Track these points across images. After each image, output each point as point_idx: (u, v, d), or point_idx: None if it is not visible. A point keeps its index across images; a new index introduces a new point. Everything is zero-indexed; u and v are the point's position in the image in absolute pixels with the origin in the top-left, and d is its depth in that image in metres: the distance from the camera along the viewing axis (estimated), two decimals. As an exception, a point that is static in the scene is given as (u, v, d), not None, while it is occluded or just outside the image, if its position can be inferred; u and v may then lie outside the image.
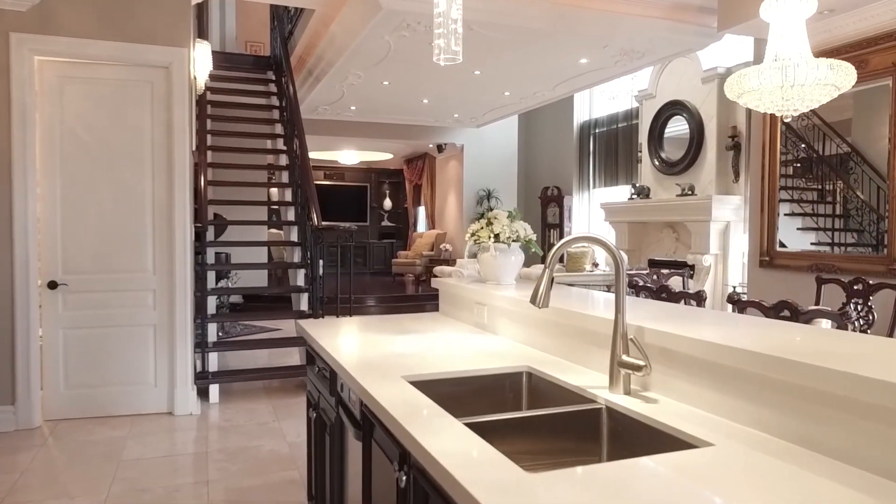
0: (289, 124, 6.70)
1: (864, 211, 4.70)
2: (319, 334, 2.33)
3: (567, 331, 1.88)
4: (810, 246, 4.97)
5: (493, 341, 2.21)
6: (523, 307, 2.12)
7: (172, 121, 4.35)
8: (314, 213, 5.33)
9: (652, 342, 1.52)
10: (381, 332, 2.41)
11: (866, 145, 4.68)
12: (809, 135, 5.04)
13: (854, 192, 4.77)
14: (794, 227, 5.14)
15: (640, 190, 8.77)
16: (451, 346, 2.14)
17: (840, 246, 4.80)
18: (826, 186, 4.97)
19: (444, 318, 2.77)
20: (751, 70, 3.15)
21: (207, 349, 4.86)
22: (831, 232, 4.86)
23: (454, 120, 10.42)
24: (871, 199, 4.63)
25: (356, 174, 15.29)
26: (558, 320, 1.92)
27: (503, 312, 2.29)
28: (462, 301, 2.67)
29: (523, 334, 2.14)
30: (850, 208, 4.78)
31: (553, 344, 1.96)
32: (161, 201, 4.38)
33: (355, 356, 1.95)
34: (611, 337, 1.57)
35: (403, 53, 6.21)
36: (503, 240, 2.60)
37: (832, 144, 4.95)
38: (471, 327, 2.52)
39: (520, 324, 2.17)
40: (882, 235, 4.50)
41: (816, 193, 5.04)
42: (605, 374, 1.70)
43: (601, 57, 6.29)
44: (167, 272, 4.38)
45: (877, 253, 4.52)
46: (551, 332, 1.96)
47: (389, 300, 9.76)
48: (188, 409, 4.41)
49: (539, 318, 2.03)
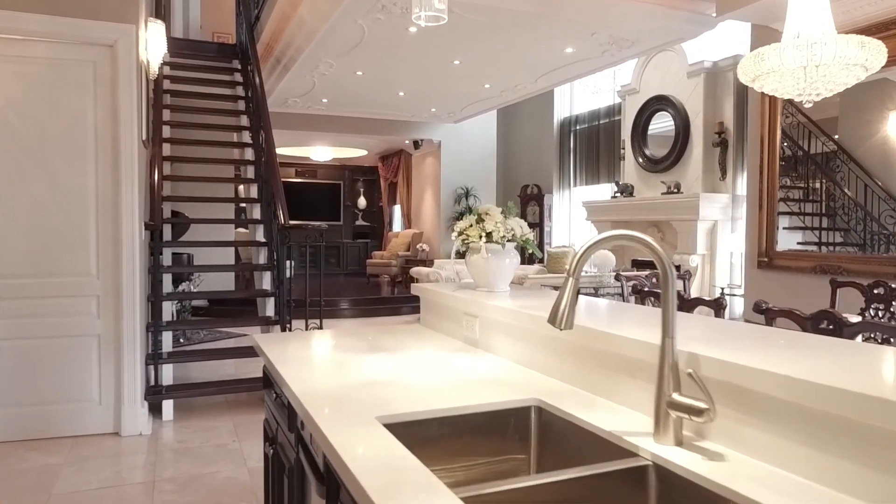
0: (255, 115, 6.23)
1: (853, 209, 4.50)
2: (277, 355, 1.91)
3: (587, 354, 1.50)
4: (797, 245, 4.74)
5: (487, 363, 1.82)
6: (526, 321, 1.73)
7: (118, 106, 3.88)
8: (281, 211, 4.88)
9: (709, 374, 1.14)
10: (352, 349, 2.00)
11: (853, 143, 4.49)
12: (794, 132, 4.82)
13: (851, 191, 4.54)
14: (780, 226, 4.90)
15: (623, 188, 8.48)
16: (436, 369, 1.74)
17: (839, 246, 4.56)
18: (818, 185, 4.74)
19: (425, 331, 2.37)
20: (768, 49, 2.81)
21: (161, 361, 4.39)
22: (828, 232, 4.62)
23: (431, 114, 10.02)
24: (859, 197, 4.45)
25: (329, 171, 14.80)
26: (575, 340, 1.53)
27: (500, 327, 1.90)
28: (448, 311, 2.27)
29: (526, 355, 1.75)
30: (837, 207, 4.58)
31: (567, 369, 1.57)
32: (106, 196, 3.90)
33: (318, 386, 1.54)
34: (650, 365, 1.19)
35: (378, 39, 5.79)
36: (496, 239, 2.21)
37: (818, 142, 4.75)
38: (459, 343, 2.12)
39: (522, 341, 1.77)
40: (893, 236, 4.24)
41: (801, 192, 4.81)
42: (642, 414, 1.31)
43: (588, 46, 5.94)
44: (113, 276, 3.91)
45: (888, 253, 4.24)
46: (565, 353, 1.58)
47: (364, 303, 9.32)
48: (137, 429, 3.94)
49: (547, 336, 1.65)
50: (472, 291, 2.25)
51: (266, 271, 5.35)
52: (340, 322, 8.43)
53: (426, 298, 2.46)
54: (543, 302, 1.95)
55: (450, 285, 2.49)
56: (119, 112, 3.88)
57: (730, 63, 7.19)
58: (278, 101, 8.71)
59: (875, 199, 4.39)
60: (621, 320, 1.61)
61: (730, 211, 7.38)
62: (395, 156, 13.15)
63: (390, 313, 9.14)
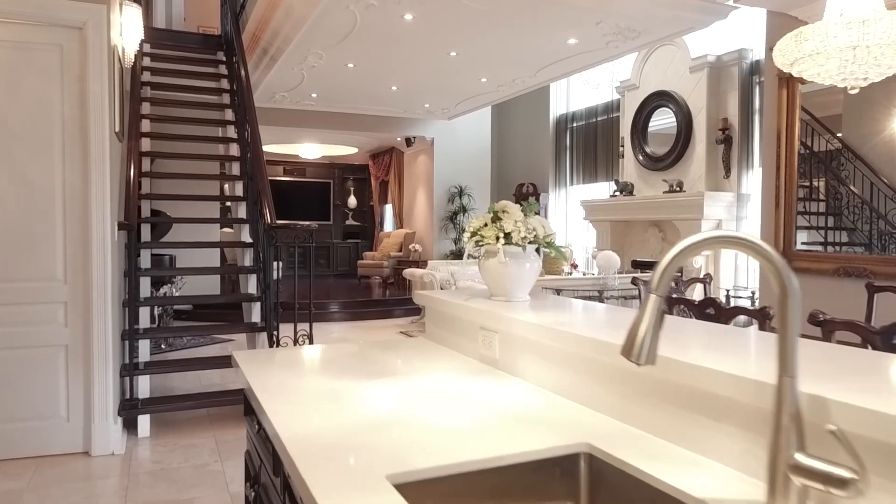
0: (240, 109, 5.89)
1: (861, 208, 4.32)
2: (259, 381, 1.59)
3: (649, 385, 1.19)
4: (801, 245, 4.55)
5: (515, 391, 1.51)
6: (566, 342, 1.42)
7: (88, 94, 3.53)
8: (267, 209, 4.55)
9: (847, 428, 0.84)
10: (350, 372, 1.69)
11: (858, 141, 4.35)
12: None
13: (858, 190, 4.33)
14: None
15: (623, 186, 8.21)
16: (454, 401, 1.43)
17: (846, 245, 4.38)
18: (819, 183, 4.54)
19: (433, 348, 2.06)
20: (809, 29, 2.53)
21: (137, 372, 4.05)
22: (837, 232, 4.43)
23: (425, 111, 9.70)
24: (866, 196, 4.30)
25: (318, 170, 14.44)
26: (628, 366, 1.23)
27: (527, 345, 1.59)
28: (459, 324, 1.96)
29: (564, 381, 1.45)
30: (841, 206, 4.38)
31: (622, 404, 1.26)
32: (74, 193, 3.55)
33: (310, 429, 1.23)
34: (742, 405, 0.90)
35: (371, 28, 5.47)
36: (516, 241, 1.90)
37: (821, 140, 4.58)
38: (474, 363, 1.81)
39: (558, 365, 1.47)
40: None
41: (805, 191, 4.61)
42: (732, 469, 1.01)
43: (592, 36, 5.65)
44: (82, 280, 3.56)
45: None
46: (618, 384, 1.27)
47: (355, 305, 8.99)
48: (109, 448, 3.59)
49: (593, 360, 1.34)
50: (486, 301, 1.95)
51: (251, 274, 5.01)
52: (331, 325, 8.10)
53: (433, 308, 2.14)
54: (580, 316, 1.64)
55: (460, 293, 2.18)
56: (89, 100, 3.53)
57: (734, 57, 6.95)
58: (265, 96, 8.36)
59: (882, 198, 4.26)
60: (681, 340, 1.30)
61: (734, 210, 7.13)
62: (386, 154, 12.82)
63: (382, 316, 8.82)
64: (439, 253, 10.73)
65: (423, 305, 2.25)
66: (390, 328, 7.96)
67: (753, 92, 6.96)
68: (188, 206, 6.88)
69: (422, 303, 2.25)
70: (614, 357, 1.25)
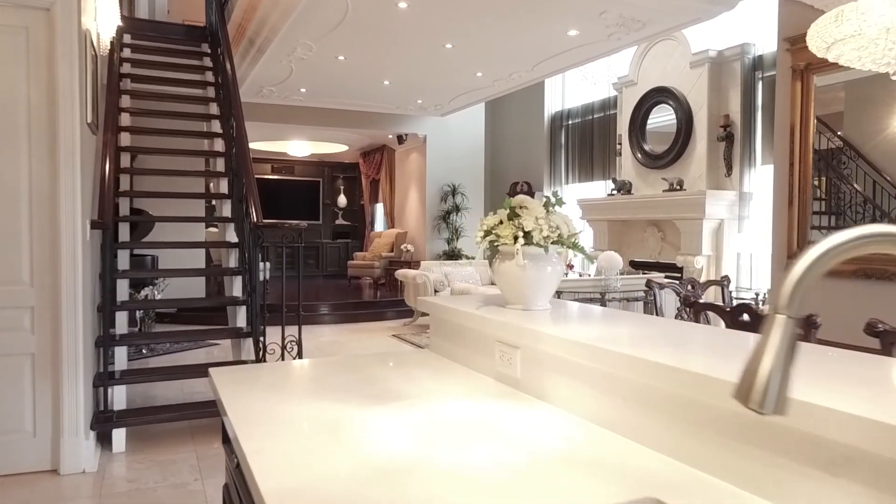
0: (225, 102, 5.60)
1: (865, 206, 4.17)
2: (239, 410, 1.33)
3: (729, 422, 0.95)
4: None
5: (544, 420, 1.26)
6: (607, 362, 1.17)
7: (57, 82, 3.24)
8: (253, 207, 4.28)
9: None
10: (348, 395, 1.43)
11: (861, 140, 4.22)
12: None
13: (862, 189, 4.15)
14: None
15: (620, 185, 8.00)
16: (473, 434, 1.17)
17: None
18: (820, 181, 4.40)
19: (440, 362, 1.80)
20: (850, 8, 2.30)
21: (113, 381, 3.76)
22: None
23: (417, 107, 9.44)
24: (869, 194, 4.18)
25: (307, 168, 14.14)
26: (704, 398, 0.98)
27: (558, 365, 1.34)
28: (470, 336, 1.71)
29: (606, 410, 1.20)
30: (843, 204, 4.22)
31: (692, 446, 1.01)
32: (42, 189, 3.26)
33: (300, 480, 0.97)
34: (870, 455, 0.65)
35: (363, 17, 5.21)
36: (537, 241, 1.65)
37: (822, 138, 4.43)
38: (491, 382, 1.56)
39: (600, 391, 1.22)
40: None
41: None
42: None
43: (595, 27, 5.41)
44: (51, 283, 3.27)
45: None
46: (685, 417, 1.02)
47: (345, 307, 8.71)
48: (79, 466, 3.30)
49: (648, 388, 1.09)
50: (502, 310, 1.70)
51: (236, 276, 4.73)
52: (321, 328, 7.82)
53: (439, 318, 1.89)
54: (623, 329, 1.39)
55: (470, 300, 1.92)
56: (58, 88, 3.24)
57: (736, 52, 6.76)
58: (252, 90, 8.07)
59: (885, 197, 4.13)
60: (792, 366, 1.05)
61: (736, 209, 6.94)
62: (377, 151, 12.54)
63: (374, 318, 8.55)
64: (432, 253, 10.48)
65: (422, 311, 1.99)
66: (382, 331, 7.69)
67: (756, 88, 6.77)
68: (174, 205, 6.57)
69: (426, 310, 2.00)
70: (681, 385, 1.00)
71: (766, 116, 6.60)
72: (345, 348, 6.70)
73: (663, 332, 1.39)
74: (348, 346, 6.80)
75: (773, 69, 6.61)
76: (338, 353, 6.41)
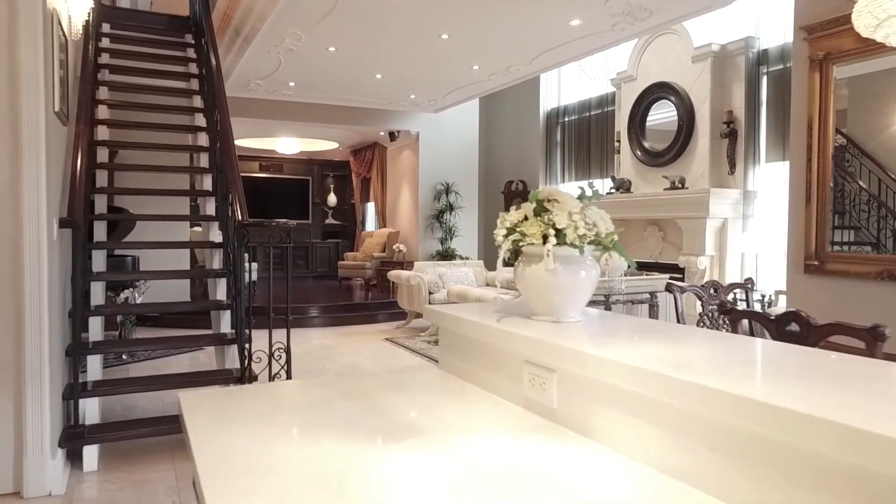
0: (209, 94, 5.30)
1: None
2: (210, 455, 1.06)
3: (853, 479, 0.68)
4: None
5: (601, 467, 0.99)
6: (683, 397, 0.91)
7: (18, 66, 2.95)
8: (238, 205, 3.98)
9: None
10: (350, 430, 1.15)
11: (865, 137, 4.05)
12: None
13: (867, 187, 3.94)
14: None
15: (620, 183, 7.76)
16: (513, 485, 0.90)
17: (853, 245, 4.06)
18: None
19: (453, 384, 1.53)
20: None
21: (84, 393, 3.46)
22: (845, 231, 4.14)
23: (410, 102, 9.16)
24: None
25: (296, 166, 13.83)
26: (814, 447, 0.72)
27: (608, 395, 1.07)
28: (490, 354, 1.44)
29: (678, 456, 0.93)
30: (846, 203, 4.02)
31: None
32: (2, 182, 2.96)
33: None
34: None
35: (355, 5, 4.93)
36: (571, 241, 1.39)
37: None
38: (517, 411, 1.29)
39: (668, 431, 0.95)
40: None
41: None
42: None
43: (598, 17, 5.16)
44: (12, 288, 2.97)
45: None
46: (794, 473, 0.76)
47: (335, 310, 8.41)
48: (45, 488, 3.01)
49: (740, 431, 0.83)
50: (528, 322, 1.43)
51: (221, 278, 4.44)
52: (310, 332, 7.53)
53: (451, 330, 1.61)
54: (693, 349, 1.13)
55: (486, 309, 1.65)
56: (19, 73, 2.94)
57: (740, 46, 6.54)
58: (239, 84, 7.75)
59: (891, 196, 3.96)
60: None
61: (740, 208, 6.73)
62: (368, 149, 12.25)
63: (365, 321, 8.26)
64: (425, 253, 10.21)
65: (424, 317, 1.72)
66: (374, 334, 7.41)
67: (760, 83, 6.56)
68: (157, 203, 6.25)
69: (435, 321, 1.73)
70: (809, 438, 0.74)
71: (771, 112, 6.38)
72: (335, 353, 6.41)
73: (744, 352, 1.13)
74: (339, 351, 6.51)
75: (778, 63, 6.40)
76: (328, 359, 6.12)
